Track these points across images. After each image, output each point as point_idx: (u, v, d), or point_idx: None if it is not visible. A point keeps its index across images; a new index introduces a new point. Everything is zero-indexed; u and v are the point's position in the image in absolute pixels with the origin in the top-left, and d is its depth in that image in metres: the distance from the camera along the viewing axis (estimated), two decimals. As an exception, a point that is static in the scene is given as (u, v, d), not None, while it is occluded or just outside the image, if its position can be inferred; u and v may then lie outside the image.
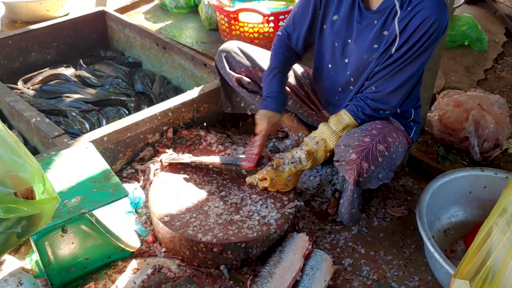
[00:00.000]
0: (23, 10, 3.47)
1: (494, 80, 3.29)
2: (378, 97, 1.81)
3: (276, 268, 1.71)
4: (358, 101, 1.85)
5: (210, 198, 1.95)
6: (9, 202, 0.97)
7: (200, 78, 2.72)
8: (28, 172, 1.01)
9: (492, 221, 1.52)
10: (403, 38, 1.70)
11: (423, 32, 1.66)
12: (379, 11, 1.75)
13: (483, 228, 1.52)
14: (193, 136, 2.31)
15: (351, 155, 1.71)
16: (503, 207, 1.53)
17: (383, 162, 1.72)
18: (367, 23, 1.78)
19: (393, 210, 2.13)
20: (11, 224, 1.01)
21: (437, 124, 2.51)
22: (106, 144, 2.06)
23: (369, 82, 1.82)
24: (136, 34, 3.05)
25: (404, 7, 1.69)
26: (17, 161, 1.01)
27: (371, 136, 1.73)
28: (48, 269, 1.64)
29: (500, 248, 1.42)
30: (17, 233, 1.03)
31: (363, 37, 1.80)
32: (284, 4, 2.95)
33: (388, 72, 1.76)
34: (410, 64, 1.74)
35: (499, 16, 4.02)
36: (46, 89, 2.77)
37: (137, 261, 1.79)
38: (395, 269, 1.88)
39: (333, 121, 1.88)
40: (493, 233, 1.47)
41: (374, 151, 1.70)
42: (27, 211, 1.00)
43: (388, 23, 1.73)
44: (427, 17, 1.64)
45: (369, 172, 1.71)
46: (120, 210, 1.89)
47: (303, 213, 2.07)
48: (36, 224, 1.06)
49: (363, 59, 1.82)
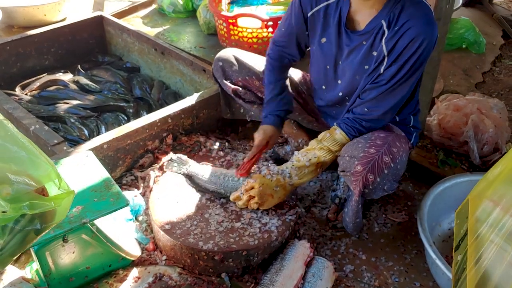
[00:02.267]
0: (20, 15, 3.46)
1: (492, 83, 3.30)
2: (371, 118, 1.81)
3: (277, 276, 1.71)
4: (352, 122, 1.83)
5: (210, 205, 1.94)
6: (32, 199, 1.02)
7: (199, 83, 2.71)
8: (45, 169, 1.07)
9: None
10: (391, 58, 1.69)
11: (411, 52, 1.65)
12: (367, 32, 1.73)
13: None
14: (193, 142, 2.31)
15: (357, 166, 1.70)
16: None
17: (388, 174, 1.72)
18: (355, 45, 1.77)
19: (394, 215, 2.13)
20: (26, 222, 1.06)
21: (437, 129, 2.52)
22: (106, 152, 2.05)
23: (360, 101, 1.81)
24: (134, 39, 3.05)
25: (391, 26, 1.67)
26: (35, 160, 1.07)
27: (376, 147, 1.72)
28: (48, 278, 1.63)
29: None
30: (35, 230, 1.09)
31: (352, 58, 1.80)
32: (282, 9, 2.95)
33: (380, 93, 1.75)
34: (402, 86, 1.74)
35: (497, 18, 4.03)
36: (44, 95, 2.76)
37: (138, 270, 1.79)
38: (396, 275, 1.88)
39: (329, 141, 1.85)
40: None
41: (380, 163, 1.69)
42: (49, 206, 1.05)
43: (376, 44, 1.72)
44: (415, 37, 1.62)
45: (374, 184, 1.71)
46: (120, 218, 1.88)
47: (304, 219, 2.07)
48: (49, 220, 1.11)
49: (355, 80, 1.82)
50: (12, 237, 1.05)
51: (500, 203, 1.45)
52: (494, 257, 1.40)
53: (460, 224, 1.59)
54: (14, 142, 1.06)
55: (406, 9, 1.65)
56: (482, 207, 1.49)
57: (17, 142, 1.07)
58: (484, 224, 1.45)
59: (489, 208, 1.49)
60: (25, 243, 1.09)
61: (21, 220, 1.05)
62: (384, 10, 1.68)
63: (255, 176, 1.88)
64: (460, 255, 1.51)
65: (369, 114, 1.80)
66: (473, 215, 1.52)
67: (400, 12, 1.66)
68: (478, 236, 1.46)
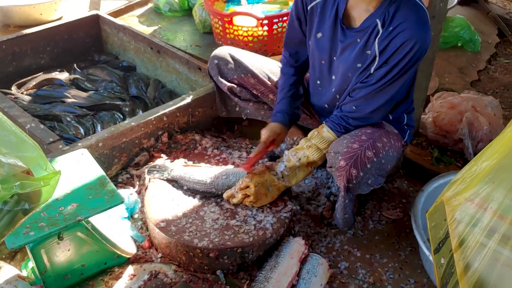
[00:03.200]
0: (16, 14, 3.46)
1: (487, 81, 3.31)
2: (359, 116, 1.82)
3: (272, 273, 1.72)
4: (339, 120, 1.84)
5: (205, 203, 1.95)
6: (22, 179, 1.09)
7: (195, 81, 2.72)
8: (33, 152, 1.14)
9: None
10: (382, 59, 1.69)
11: (403, 55, 1.65)
12: (362, 30, 1.73)
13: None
14: (188, 141, 2.31)
15: (340, 162, 1.72)
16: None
17: (371, 168, 1.72)
18: (350, 41, 1.77)
19: (388, 212, 2.14)
20: (14, 203, 1.13)
21: (431, 126, 2.53)
22: (101, 150, 2.06)
23: (350, 99, 1.82)
24: (130, 37, 3.05)
25: (385, 26, 1.67)
26: (22, 143, 1.14)
27: (359, 142, 1.73)
28: (44, 276, 1.64)
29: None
30: (23, 210, 1.15)
31: (346, 55, 1.80)
32: (278, 8, 2.96)
33: (369, 92, 1.76)
34: (391, 86, 1.74)
35: (492, 17, 4.04)
36: (40, 94, 2.76)
37: (133, 267, 1.79)
38: (391, 272, 1.89)
39: (316, 139, 1.87)
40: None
41: (363, 158, 1.71)
42: (39, 185, 1.12)
43: (370, 42, 1.72)
44: (408, 40, 1.62)
45: (358, 179, 1.72)
46: (115, 216, 1.89)
47: (299, 216, 2.08)
48: (36, 201, 1.18)
49: (348, 77, 1.82)
50: (1, 218, 1.11)
51: (485, 205, 1.44)
52: (488, 261, 1.39)
53: (437, 226, 1.58)
54: (3, 127, 1.11)
55: (401, 10, 1.65)
56: (462, 209, 1.48)
57: (5, 128, 1.12)
58: (468, 227, 1.44)
59: (471, 210, 1.48)
60: (14, 223, 1.15)
61: (9, 201, 1.10)
62: (380, 9, 1.68)
63: (250, 175, 1.89)
64: (444, 258, 1.50)
65: (357, 112, 1.81)
66: (452, 218, 1.51)
67: (395, 12, 1.65)
68: (464, 240, 1.44)
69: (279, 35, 2.78)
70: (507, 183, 1.39)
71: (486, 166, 1.42)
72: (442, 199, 1.57)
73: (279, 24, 2.74)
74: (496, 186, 1.39)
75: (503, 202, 1.43)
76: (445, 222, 1.53)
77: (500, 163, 1.39)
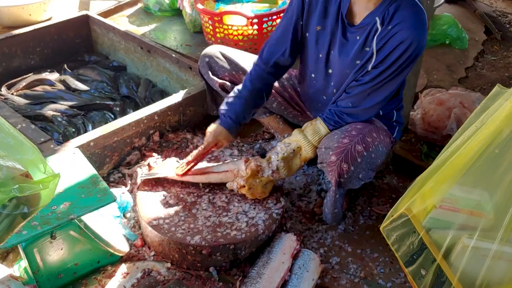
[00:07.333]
0: (5, 15, 3.43)
1: (475, 78, 3.35)
2: (354, 112, 1.84)
3: (265, 269, 1.73)
4: (332, 115, 1.86)
5: (198, 200, 1.96)
6: (21, 182, 1.07)
7: (186, 81, 2.73)
8: (31, 154, 1.13)
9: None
10: (379, 57, 1.71)
11: (398, 54, 1.67)
12: (362, 27, 1.75)
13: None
14: (180, 139, 2.32)
15: (331, 157, 1.74)
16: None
17: (362, 162, 1.75)
18: (350, 38, 1.79)
19: (378, 208, 2.17)
20: (13, 207, 1.11)
21: (420, 123, 2.56)
22: (92, 149, 2.06)
23: (346, 95, 1.83)
24: (120, 38, 3.05)
25: (384, 24, 1.69)
26: (21, 146, 1.12)
27: (350, 137, 1.76)
28: (37, 275, 1.64)
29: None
30: (22, 214, 1.13)
31: (346, 51, 1.81)
32: (267, 6, 2.97)
33: (365, 89, 1.78)
34: (387, 84, 1.77)
35: (479, 14, 4.09)
36: (30, 94, 2.75)
37: (126, 265, 1.80)
38: (382, 266, 1.91)
39: (309, 131, 1.88)
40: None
41: (353, 152, 1.73)
42: (38, 188, 1.10)
43: (369, 40, 1.74)
44: (405, 39, 1.64)
45: (349, 173, 1.74)
46: (108, 215, 1.89)
47: (290, 213, 2.10)
48: (35, 204, 1.16)
49: (346, 74, 1.84)
50: (0, 222, 1.09)
51: (458, 207, 1.47)
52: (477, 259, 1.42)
53: (403, 239, 1.58)
54: (1, 129, 1.10)
55: (401, 10, 1.67)
56: (434, 217, 1.50)
57: (3, 130, 1.11)
58: (450, 232, 1.46)
59: (448, 217, 1.50)
60: (13, 227, 1.13)
61: (8, 205, 1.08)
62: (380, 7, 1.70)
63: (245, 177, 1.90)
64: (425, 269, 1.50)
65: (351, 108, 1.83)
66: (424, 228, 1.52)
67: (395, 11, 1.67)
68: (449, 247, 1.46)
69: (269, 34, 2.79)
70: (472, 182, 1.45)
71: (444, 171, 1.46)
72: (402, 212, 1.59)
73: (269, 23, 2.76)
74: (463, 186, 1.45)
75: (474, 199, 1.47)
76: (414, 234, 1.54)
77: (463, 165, 1.42)
